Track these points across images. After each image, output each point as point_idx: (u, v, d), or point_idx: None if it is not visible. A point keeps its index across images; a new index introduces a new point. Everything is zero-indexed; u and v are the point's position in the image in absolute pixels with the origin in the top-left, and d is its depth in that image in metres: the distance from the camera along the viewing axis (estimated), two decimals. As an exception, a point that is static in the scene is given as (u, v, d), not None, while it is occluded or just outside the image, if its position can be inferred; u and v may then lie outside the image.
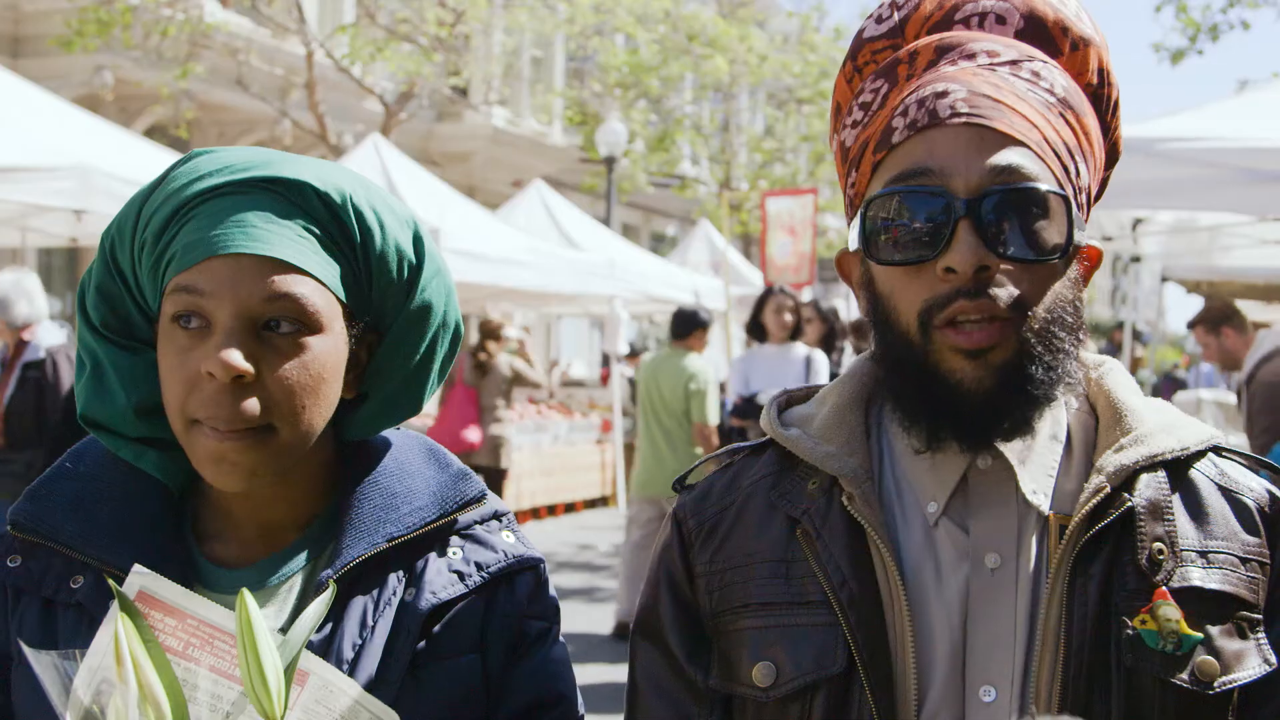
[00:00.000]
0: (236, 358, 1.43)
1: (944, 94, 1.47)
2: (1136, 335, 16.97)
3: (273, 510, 1.60)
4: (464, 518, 1.67)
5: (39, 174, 7.60)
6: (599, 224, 20.20)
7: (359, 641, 1.55)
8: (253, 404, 1.45)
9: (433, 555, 1.63)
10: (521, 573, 1.69)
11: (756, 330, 9.32)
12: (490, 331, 12.05)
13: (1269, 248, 11.01)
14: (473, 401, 12.00)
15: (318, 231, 1.51)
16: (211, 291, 1.45)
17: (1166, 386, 22.27)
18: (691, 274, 19.88)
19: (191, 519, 1.62)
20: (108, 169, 7.79)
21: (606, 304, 16.95)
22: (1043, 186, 1.45)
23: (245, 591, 1.37)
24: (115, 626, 1.36)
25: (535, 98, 29.02)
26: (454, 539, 1.66)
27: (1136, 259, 11.86)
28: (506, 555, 1.68)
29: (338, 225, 1.53)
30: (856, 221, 1.54)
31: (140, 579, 1.43)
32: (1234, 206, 8.21)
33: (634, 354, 19.67)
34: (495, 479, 11.94)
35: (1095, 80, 1.57)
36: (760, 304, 9.35)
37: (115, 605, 1.38)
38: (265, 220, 1.48)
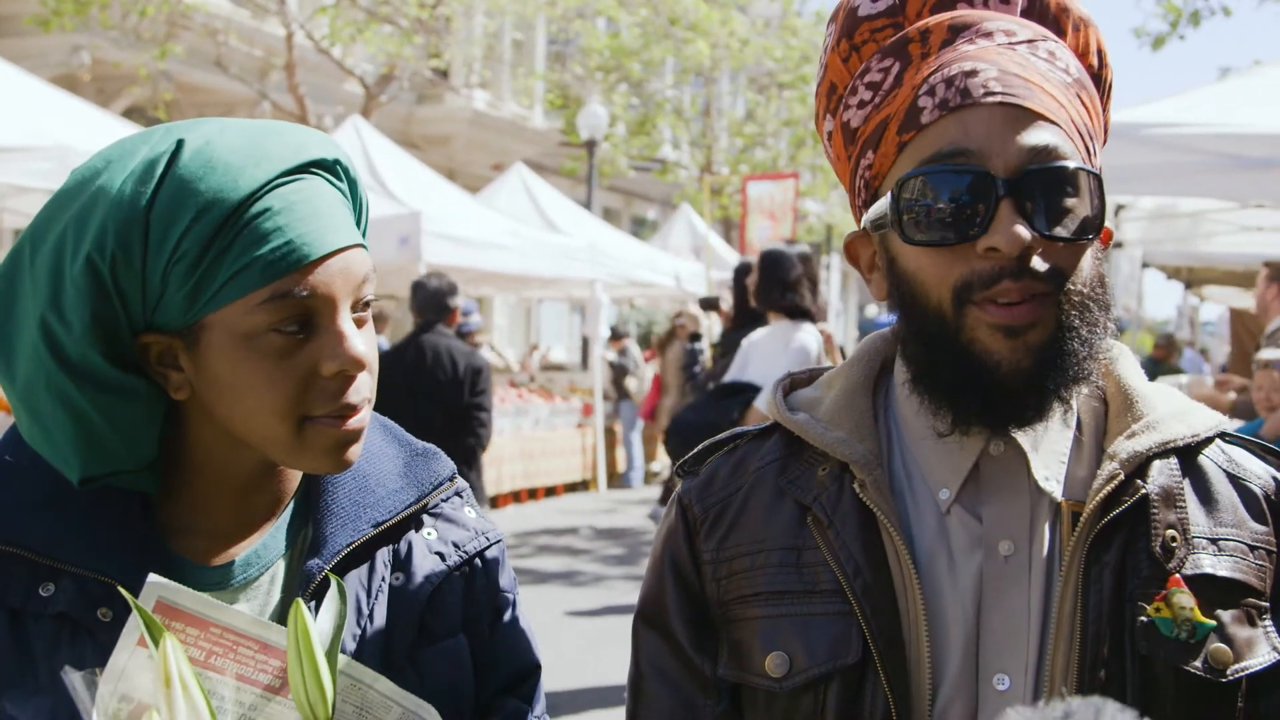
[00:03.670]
0: (367, 350, 1.44)
1: (974, 73, 1.45)
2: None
3: (255, 499, 1.55)
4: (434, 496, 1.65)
5: (16, 154, 7.53)
6: (580, 208, 20.16)
7: (358, 631, 1.52)
8: (367, 384, 1.47)
9: (415, 538, 1.61)
10: (490, 548, 1.68)
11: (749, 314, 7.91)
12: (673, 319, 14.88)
13: (1250, 234, 11.05)
14: (657, 381, 15.70)
15: (350, 205, 1.51)
16: (320, 293, 1.41)
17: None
18: (672, 258, 19.89)
19: (153, 515, 1.51)
20: (85, 150, 7.71)
21: (587, 288, 16.94)
22: (1077, 165, 1.45)
23: (300, 602, 1.32)
24: (134, 641, 1.30)
25: (516, 81, 28.91)
26: (426, 518, 1.64)
27: (1117, 245, 11.89)
28: (477, 533, 1.67)
29: (353, 196, 1.53)
30: (885, 203, 1.51)
31: (157, 589, 1.34)
32: (1216, 193, 8.24)
33: (615, 338, 19.65)
34: None
35: (1095, 62, 1.57)
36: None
37: (133, 620, 1.30)
38: (331, 207, 1.45)
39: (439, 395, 7.30)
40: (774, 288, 7.10)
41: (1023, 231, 1.41)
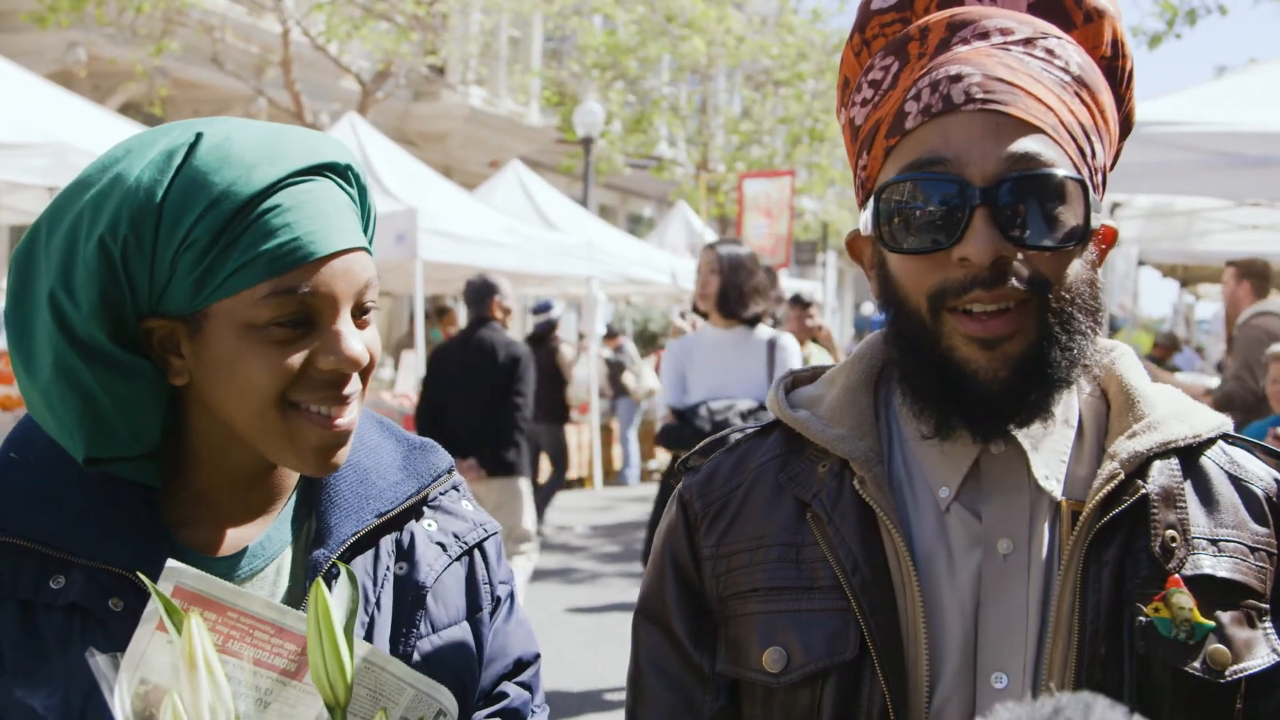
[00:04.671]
0: (364, 351, 1.47)
1: (958, 78, 1.45)
2: (1110, 320, 17.02)
3: (257, 492, 1.58)
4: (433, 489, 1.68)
5: (12, 150, 7.52)
6: (576, 205, 20.14)
7: (365, 619, 1.55)
8: (358, 385, 1.49)
9: (416, 528, 1.64)
10: (487, 539, 1.72)
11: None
12: None
13: (1246, 232, 11.07)
14: None
15: (359, 210, 1.54)
16: (322, 291, 1.44)
17: None
18: (669, 255, 19.86)
19: (157, 509, 1.53)
20: (82, 146, 7.70)
21: (583, 285, 16.93)
22: (1059, 172, 1.44)
23: (320, 582, 1.34)
24: (153, 626, 1.32)
25: (513, 78, 28.88)
26: (426, 510, 1.67)
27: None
28: (475, 524, 1.71)
29: (361, 203, 1.55)
30: (870, 207, 1.52)
31: (175, 575, 1.36)
32: (1212, 191, 8.27)
33: (611, 335, 19.63)
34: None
35: (1109, 52, 1.56)
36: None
37: (152, 605, 1.33)
38: (339, 210, 1.48)
39: (484, 380, 8.50)
40: (745, 294, 6.64)
41: (995, 242, 1.41)
